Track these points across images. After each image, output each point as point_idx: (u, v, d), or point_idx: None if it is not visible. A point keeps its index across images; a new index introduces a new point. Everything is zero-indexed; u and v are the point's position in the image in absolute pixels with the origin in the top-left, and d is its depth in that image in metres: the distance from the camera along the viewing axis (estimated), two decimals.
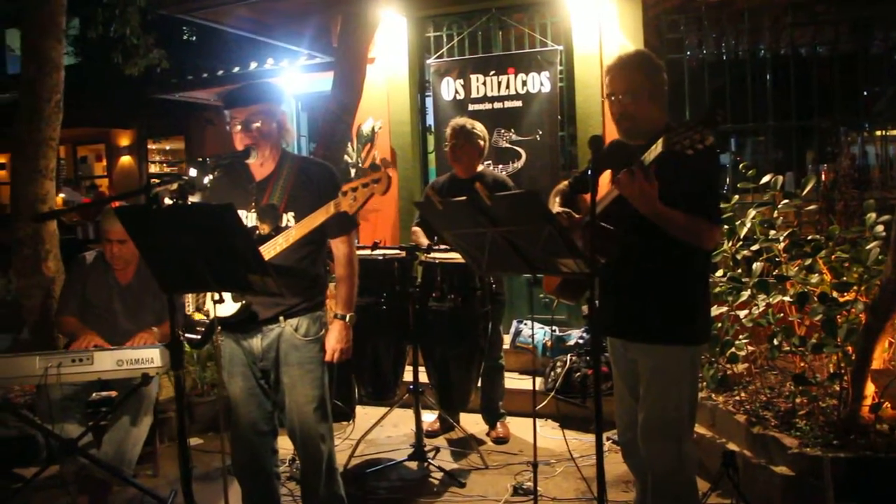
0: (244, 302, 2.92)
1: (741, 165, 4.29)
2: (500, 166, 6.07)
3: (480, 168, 4.56)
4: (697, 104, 5.72)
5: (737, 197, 4.11)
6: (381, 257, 4.30)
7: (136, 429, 3.80)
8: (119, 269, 4.12)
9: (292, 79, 7.99)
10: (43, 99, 5.17)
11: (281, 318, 2.99)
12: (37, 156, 5.19)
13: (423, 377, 4.36)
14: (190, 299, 3.08)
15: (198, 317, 3.14)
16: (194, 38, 14.42)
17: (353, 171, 6.41)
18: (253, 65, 8.69)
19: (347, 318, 3.11)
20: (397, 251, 4.32)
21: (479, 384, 4.60)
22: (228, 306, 2.94)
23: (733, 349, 3.90)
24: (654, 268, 2.64)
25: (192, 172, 2.53)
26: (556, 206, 2.91)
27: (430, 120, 6.57)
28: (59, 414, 3.75)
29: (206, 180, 2.71)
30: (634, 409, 2.79)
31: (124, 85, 9.98)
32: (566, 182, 3.08)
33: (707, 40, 5.86)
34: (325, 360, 3.09)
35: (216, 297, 2.67)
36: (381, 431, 4.81)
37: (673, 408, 2.66)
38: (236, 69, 8.90)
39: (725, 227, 4.01)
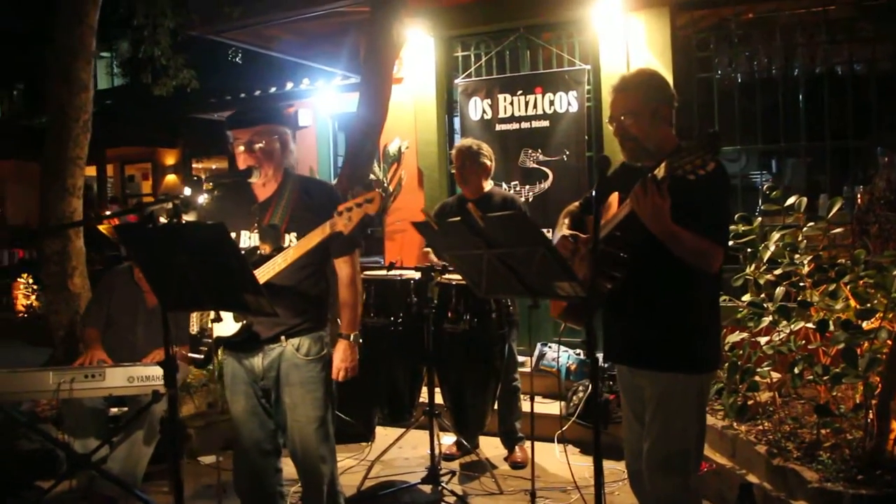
0: (245, 322, 2.92)
1: (766, 187, 4.16)
2: (527, 187, 6.02)
3: (490, 188, 4.52)
4: (728, 124, 5.58)
5: (759, 219, 3.97)
6: (397, 278, 4.27)
7: (142, 445, 3.83)
8: (148, 291, 4.14)
9: (328, 99, 8.05)
10: (71, 118, 5.31)
11: (282, 337, 2.97)
12: (65, 174, 5.32)
13: (440, 399, 4.30)
14: (194, 319, 3.09)
15: None
16: (239, 59, 14.68)
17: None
18: (289, 85, 8.80)
19: (352, 338, 3.10)
20: (413, 272, 4.28)
21: (496, 407, 4.52)
22: (230, 326, 2.95)
23: (756, 377, 3.76)
24: (660, 293, 2.55)
25: (187, 192, 2.54)
26: (564, 228, 2.84)
27: (457, 140, 6.54)
28: (80, 428, 3.80)
29: (202, 199, 2.72)
30: (642, 438, 2.69)
31: (169, 105, 10.22)
32: (577, 203, 3.01)
33: (738, 58, 5.73)
34: (332, 378, 3.08)
35: (212, 315, 2.67)
36: (399, 453, 4.75)
37: (678, 437, 2.57)
38: (272, 89, 9.03)
39: (748, 249, 3.89)
